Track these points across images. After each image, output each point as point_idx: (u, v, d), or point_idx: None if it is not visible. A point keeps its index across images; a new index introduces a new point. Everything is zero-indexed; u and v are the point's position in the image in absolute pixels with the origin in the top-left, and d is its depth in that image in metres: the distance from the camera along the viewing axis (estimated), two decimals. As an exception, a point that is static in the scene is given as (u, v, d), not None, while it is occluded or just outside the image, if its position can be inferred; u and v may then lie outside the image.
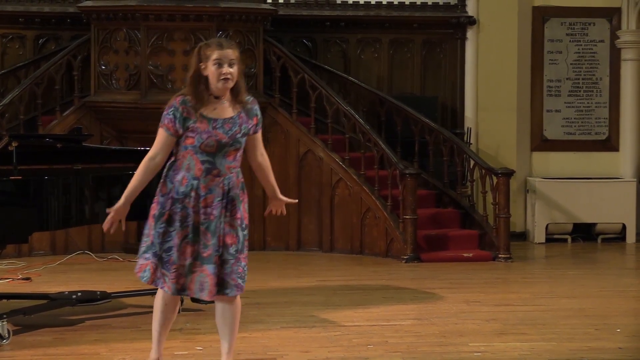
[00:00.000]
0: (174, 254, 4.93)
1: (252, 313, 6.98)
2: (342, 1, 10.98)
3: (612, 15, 11.19)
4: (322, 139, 10.09)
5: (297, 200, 5.43)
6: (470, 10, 10.99)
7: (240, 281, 4.99)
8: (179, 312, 6.72)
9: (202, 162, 4.92)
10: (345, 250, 10.00)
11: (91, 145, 6.92)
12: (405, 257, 9.46)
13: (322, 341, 6.17)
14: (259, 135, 5.11)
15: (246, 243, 5.05)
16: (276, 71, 10.14)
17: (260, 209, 10.14)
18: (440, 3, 11.09)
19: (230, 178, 4.98)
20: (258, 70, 9.92)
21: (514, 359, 5.79)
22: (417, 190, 9.58)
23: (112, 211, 4.98)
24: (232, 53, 4.91)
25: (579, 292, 7.96)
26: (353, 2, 10.99)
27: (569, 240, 10.87)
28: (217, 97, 4.95)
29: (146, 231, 5.03)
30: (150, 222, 4.99)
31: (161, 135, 4.94)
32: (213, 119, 4.92)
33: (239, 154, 5.01)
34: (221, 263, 4.95)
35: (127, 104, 9.62)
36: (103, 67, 9.73)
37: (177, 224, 4.92)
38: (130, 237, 9.92)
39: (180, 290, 4.96)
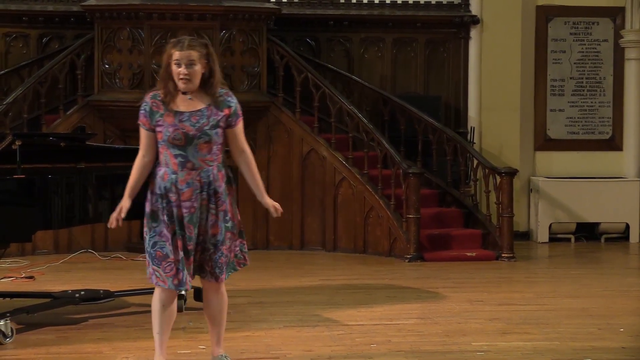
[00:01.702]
0: (167, 249, 4.97)
1: (255, 312, 6.98)
2: (345, 0, 10.98)
3: (616, 14, 11.18)
4: (326, 138, 10.09)
5: (279, 214, 5.28)
6: (474, 9, 10.99)
7: (217, 270, 5.04)
8: (182, 310, 6.75)
9: (175, 156, 4.97)
10: (349, 250, 10.00)
11: (94, 144, 6.92)
12: (408, 257, 9.46)
13: (325, 340, 6.17)
14: (237, 129, 5.10)
15: (229, 235, 5.05)
16: (280, 70, 10.14)
17: (263, 208, 10.13)
18: (444, 2, 11.08)
19: (209, 171, 5.00)
20: (261, 69, 9.92)
21: (517, 358, 5.78)
22: (421, 190, 9.58)
23: (118, 209, 5.05)
24: (192, 54, 4.95)
25: (582, 292, 7.96)
26: (356, 1, 10.99)
27: (573, 239, 10.86)
28: (185, 93, 5.00)
29: (145, 232, 5.08)
30: (145, 220, 5.06)
31: (141, 133, 5.06)
32: (180, 112, 4.98)
33: (215, 147, 5.02)
34: (201, 251, 5.02)
35: (130, 103, 9.58)
36: (106, 66, 9.74)
37: (165, 218, 4.97)
38: (133, 236, 9.93)
39: (179, 285, 4.99)
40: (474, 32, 11.00)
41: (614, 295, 7.84)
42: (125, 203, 5.04)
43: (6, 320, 6.03)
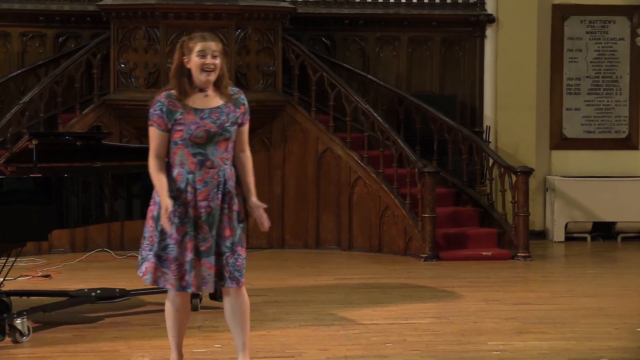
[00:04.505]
0: (174, 251, 4.92)
1: (271, 311, 6.99)
2: (361, -1, 10.99)
3: (632, 13, 11.15)
4: (341, 137, 10.09)
5: (266, 205, 5.14)
6: (490, 8, 10.97)
7: (237, 274, 4.96)
8: (197, 309, 6.77)
9: (194, 155, 4.92)
10: (364, 249, 10.00)
11: (110, 143, 6.94)
12: (424, 256, 9.45)
13: (340, 339, 6.17)
14: (245, 128, 5.06)
15: (244, 236, 5.02)
16: (295, 69, 10.14)
17: (279, 207, 10.18)
18: (460, 1, 11.06)
19: (225, 170, 4.96)
20: (277, 69, 9.93)
21: (533, 358, 5.77)
22: (436, 189, 9.57)
23: (165, 209, 4.83)
24: (215, 45, 4.95)
25: (599, 291, 7.93)
26: (372, 0, 10.98)
27: (589, 239, 10.83)
28: (202, 90, 4.97)
29: (146, 234, 5.00)
30: (150, 223, 4.98)
31: (154, 133, 4.96)
32: (200, 109, 4.94)
33: (230, 145, 4.99)
34: (217, 255, 4.95)
35: (146, 102, 9.48)
36: (122, 66, 9.77)
37: (176, 220, 4.91)
38: (149, 235, 9.95)
39: (185, 287, 4.94)
40: (489, 31, 10.98)
41: (630, 294, 7.81)
42: (168, 201, 4.83)
43: (23, 318, 6.06)
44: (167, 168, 4.98)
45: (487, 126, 10.92)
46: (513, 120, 10.92)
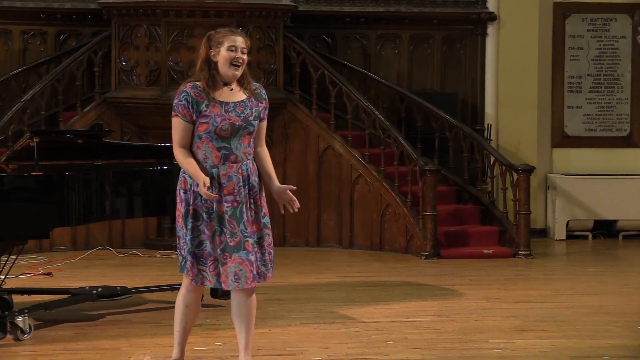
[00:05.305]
0: (208, 247, 4.93)
1: (272, 309, 6.99)
2: (362, -3, 10.98)
3: (634, 10, 11.13)
4: (342, 135, 10.09)
5: (295, 187, 5.20)
6: (491, 6, 10.96)
7: (263, 268, 5.00)
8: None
9: (219, 149, 4.92)
10: (365, 247, 9.99)
11: (112, 141, 6.95)
12: (425, 254, 9.45)
13: (341, 337, 6.18)
14: (265, 123, 5.11)
15: (267, 231, 5.04)
16: (296, 67, 10.14)
17: (278, 205, 10.16)
18: (461, -1, 11.06)
19: (248, 164, 4.99)
20: (278, 67, 9.93)
21: (534, 356, 5.77)
22: (437, 187, 9.57)
23: (203, 184, 4.80)
24: (243, 41, 4.99)
25: (600, 289, 7.93)
26: (373, -2, 10.99)
27: (590, 237, 10.83)
28: (226, 84, 4.98)
29: (178, 233, 5.00)
30: (179, 221, 4.98)
31: (178, 124, 4.94)
32: (225, 102, 4.95)
33: (252, 139, 5.02)
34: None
35: (147, 100, 9.65)
36: (123, 63, 9.76)
37: (205, 216, 4.91)
38: (150, 233, 9.96)
39: (221, 283, 4.93)
40: (490, 29, 10.97)
41: (632, 292, 7.81)
42: (204, 176, 4.82)
43: (24, 316, 6.06)
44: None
45: (488, 124, 10.91)
46: (514, 118, 10.92)
